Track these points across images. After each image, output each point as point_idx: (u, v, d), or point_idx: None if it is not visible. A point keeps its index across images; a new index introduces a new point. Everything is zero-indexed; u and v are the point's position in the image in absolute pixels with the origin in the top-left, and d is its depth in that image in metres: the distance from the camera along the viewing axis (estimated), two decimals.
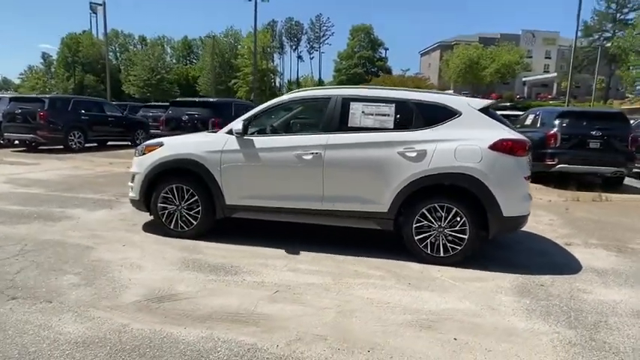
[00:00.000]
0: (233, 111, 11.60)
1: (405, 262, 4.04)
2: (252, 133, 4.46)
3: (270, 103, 4.62)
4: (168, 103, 20.35)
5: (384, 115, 4.19)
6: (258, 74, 39.84)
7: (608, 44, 52.17)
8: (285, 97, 4.62)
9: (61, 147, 13.09)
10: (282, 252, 4.24)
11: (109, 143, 15.17)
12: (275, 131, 4.78)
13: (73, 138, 13.23)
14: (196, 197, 4.51)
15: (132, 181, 4.80)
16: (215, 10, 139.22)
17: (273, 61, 62.30)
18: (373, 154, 4.09)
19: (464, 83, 47.75)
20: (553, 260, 4.29)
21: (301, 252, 4.24)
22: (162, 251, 4.16)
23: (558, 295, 3.40)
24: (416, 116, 4.17)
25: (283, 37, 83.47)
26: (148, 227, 4.94)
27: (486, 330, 2.81)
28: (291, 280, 3.56)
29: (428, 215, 4.00)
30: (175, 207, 4.58)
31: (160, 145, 4.67)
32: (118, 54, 72.84)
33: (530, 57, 66.74)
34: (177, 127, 10.77)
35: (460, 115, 4.07)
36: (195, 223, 4.55)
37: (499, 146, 3.90)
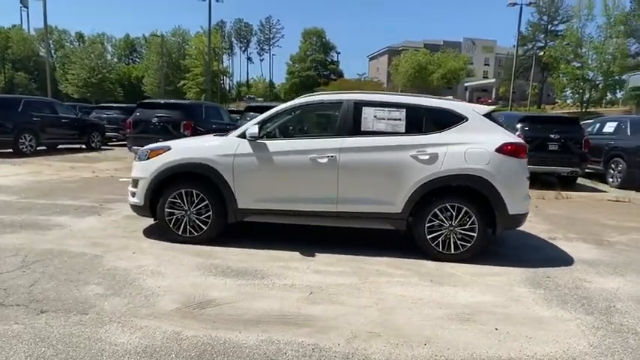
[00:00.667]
0: (204, 113, 11.36)
1: (418, 260, 4.24)
2: (262, 137, 4.46)
3: (282, 107, 4.65)
4: (123, 105, 19.62)
5: (396, 119, 4.37)
6: (211, 75, 38.93)
7: (541, 53, 56.33)
8: (297, 102, 4.67)
9: (10, 151, 12.12)
10: (297, 254, 4.28)
11: (60, 147, 14.21)
12: (286, 135, 4.81)
13: (24, 141, 12.30)
14: (207, 202, 4.44)
15: (133, 187, 4.64)
16: (158, 7, 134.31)
17: (222, 62, 61.10)
18: (387, 157, 4.26)
19: (412, 87, 49.56)
20: (547, 254, 4.68)
21: (316, 254, 4.31)
22: (176, 257, 4.07)
23: (565, 285, 3.74)
24: (426, 121, 4.40)
25: (232, 38, 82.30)
26: (150, 234, 4.79)
27: (519, 319, 3.05)
28: (319, 281, 3.63)
29: (439, 215, 4.23)
30: (184, 212, 4.48)
31: (167, 149, 4.55)
32: (54, 51, 68.20)
33: (471, 64, 70.53)
34: (147, 129, 10.36)
35: (467, 120, 4.34)
36: (205, 228, 4.48)
37: (504, 149, 4.21)
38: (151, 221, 5.12)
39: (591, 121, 12.68)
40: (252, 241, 4.62)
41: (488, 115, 4.44)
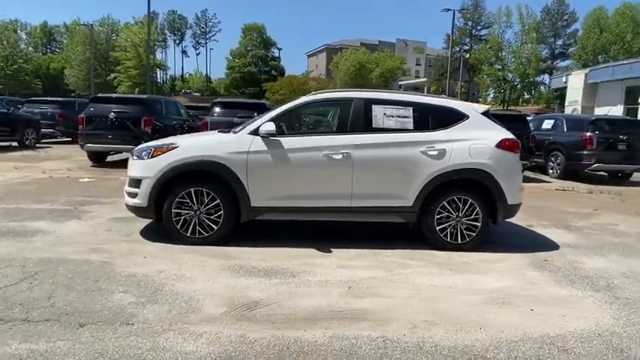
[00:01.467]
0: (163, 109, 10.80)
1: (427, 250, 4.43)
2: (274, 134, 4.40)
3: (293, 104, 4.61)
4: (61, 99, 17.98)
5: (404, 117, 4.53)
6: (150, 68, 36.88)
7: (467, 55, 60.22)
8: (308, 99, 4.66)
9: None
10: (314, 251, 4.29)
11: None
12: (297, 132, 4.78)
13: None
14: (218, 201, 4.29)
15: (134, 187, 4.36)
16: None
17: (155, 55, 58.02)
18: (399, 153, 4.41)
19: (353, 84, 50.70)
20: (533, 240, 5.12)
21: (332, 250, 4.34)
22: (195, 260, 3.91)
23: (564, 267, 4.13)
24: (432, 118, 4.60)
25: (166, 31, 78.47)
26: (150, 236, 4.54)
27: (544, 300, 3.34)
28: (351, 275, 3.69)
29: (447, 207, 4.47)
30: (193, 212, 4.30)
31: (173, 146, 4.33)
32: None
33: (405, 63, 73.66)
34: (103, 126, 9.64)
35: (468, 117, 4.61)
36: (215, 228, 4.33)
37: (503, 144, 4.54)
38: (143, 223, 4.88)
39: (530, 118, 13.85)
40: (260, 239, 4.55)
41: (485, 113, 4.75)
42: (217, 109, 10.34)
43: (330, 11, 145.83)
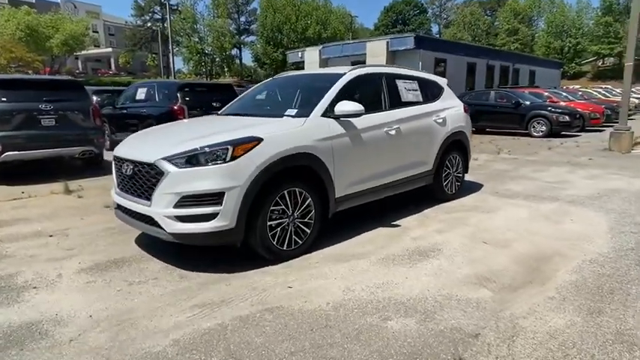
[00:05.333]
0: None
1: (438, 204, 5.16)
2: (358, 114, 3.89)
3: (345, 80, 4.13)
4: None
5: (415, 90, 4.95)
6: None
7: (162, 25, 58.19)
8: (353, 74, 4.26)
9: None
10: (386, 230, 4.25)
11: None
12: None
13: None
14: (309, 199, 3.59)
15: (211, 204, 3.06)
16: None
17: None
18: (424, 124, 4.87)
19: (29, 53, 40.13)
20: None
21: (395, 222, 4.44)
22: (338, 271, 3.28)
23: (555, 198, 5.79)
24: (430, 91, 5.21)
25: None
26: (233, 265, 3.31)
27: (577, 218, 4.77)
28: (449, 238, 4.04)
29: (447, 164, 5.30)
30: (288, 219, 3.45)
31: (258, 140, 3.24)
32: None
33: (96, 32, 64.24)
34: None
35: (444, 89, 5.48)
36: (308, 232, 3.62)
37: (465, 110, 5.68)
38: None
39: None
40: (321, 240, 4.07)
41: (448, 85, 5.72)
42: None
43: None
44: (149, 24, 61.38)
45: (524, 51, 49.76)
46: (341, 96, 4.03)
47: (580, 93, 18.90)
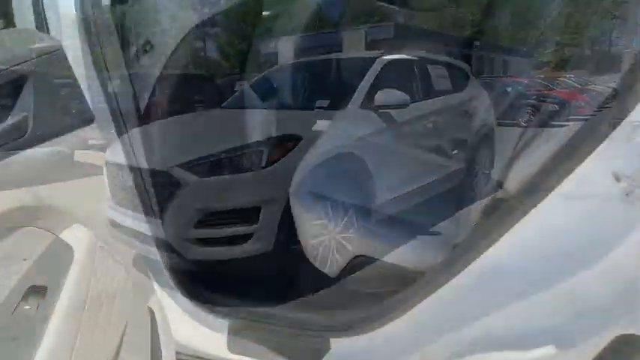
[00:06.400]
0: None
1: None
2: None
3: (377, 67, 3.51)
4: None
5: (445, 77, 4.43)
6: None
7: None
8: (384, 60, 3.65)
9: None
10: None
11: None
12: None
13: None
14: (350, 209, 3.00)
15: (239, 222, 2.42)
16: None
17: None
18: (457, 115, 4.47)
19: None
20: None
21: None
22: None
23: None
24: (457, 78, 4.70)
25: None
26: None
27: None
28: None
29: (476, 161, 4.81)
30: (328, 234, 2.85)
31: (295, 139, 2.61)
32: None
33: None
34: None
35: (470, 77, 4.97)
36: (350, 247, 3.02)
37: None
38: None
39: None
40: None
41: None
42: None
43: None
44: None
45: None
46: (377, 84, 3.42)
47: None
